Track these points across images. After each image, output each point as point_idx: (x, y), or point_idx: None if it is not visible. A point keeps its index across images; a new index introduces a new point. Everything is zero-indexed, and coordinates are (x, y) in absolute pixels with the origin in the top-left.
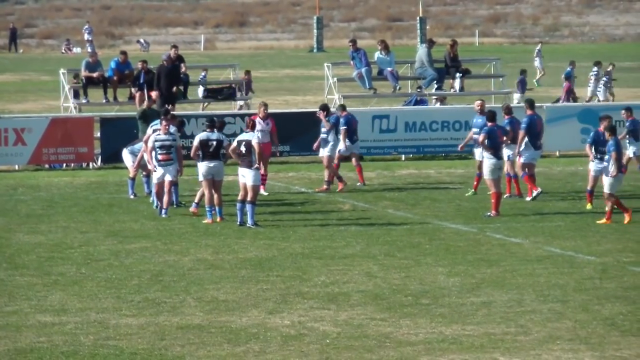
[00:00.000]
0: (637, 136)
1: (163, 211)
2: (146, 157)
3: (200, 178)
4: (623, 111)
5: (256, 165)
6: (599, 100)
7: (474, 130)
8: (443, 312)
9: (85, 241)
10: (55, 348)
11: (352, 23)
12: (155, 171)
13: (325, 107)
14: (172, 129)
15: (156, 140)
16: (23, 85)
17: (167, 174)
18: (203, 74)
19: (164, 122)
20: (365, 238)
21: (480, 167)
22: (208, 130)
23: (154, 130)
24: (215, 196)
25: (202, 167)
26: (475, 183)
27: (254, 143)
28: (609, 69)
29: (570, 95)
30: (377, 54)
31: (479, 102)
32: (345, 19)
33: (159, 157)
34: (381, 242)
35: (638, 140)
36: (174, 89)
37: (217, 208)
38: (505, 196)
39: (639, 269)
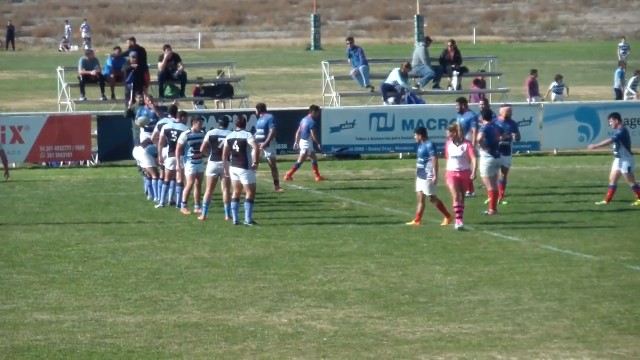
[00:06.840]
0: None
1: (203, 208)
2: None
3: (208, 174)
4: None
5: (253, 164)
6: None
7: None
8: (440, 310)
9: (82, 239)
10: (52, 346)
11: (350, 21)
12: (162, 165)
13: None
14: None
15: (189, 139)
16: (20, 83)
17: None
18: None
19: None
20: (363, 236)
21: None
22: (220, 127)
23: (159, 126)
24: (224, 193)
25: (211, 164)
26: None
27: (250, 142)
28: None
29: None
30: (397, 71)
31: (505, 107)
32: (342, 16)
33: (190, 154)
34: (378, 240)
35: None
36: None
37: (225, 205)
38: None
39: (637, 267)
